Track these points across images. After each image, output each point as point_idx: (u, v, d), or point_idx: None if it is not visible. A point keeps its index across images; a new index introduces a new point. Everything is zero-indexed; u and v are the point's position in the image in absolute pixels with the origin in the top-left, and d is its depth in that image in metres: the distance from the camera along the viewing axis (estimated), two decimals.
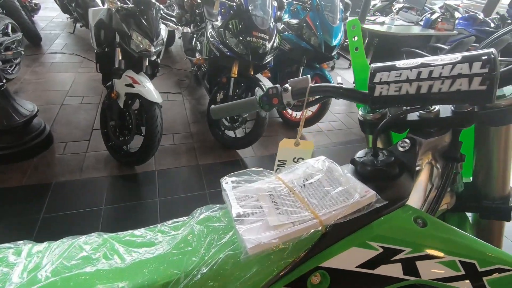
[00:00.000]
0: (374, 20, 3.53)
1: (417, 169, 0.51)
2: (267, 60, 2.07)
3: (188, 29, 3.13)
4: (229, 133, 2.27)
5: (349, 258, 0.41)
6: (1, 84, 1.82)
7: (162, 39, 1.88)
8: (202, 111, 2.75)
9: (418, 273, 0.40)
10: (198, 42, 2.93)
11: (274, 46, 2.07)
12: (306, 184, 0.48)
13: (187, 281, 0.38)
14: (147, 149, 1.84)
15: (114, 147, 1.96)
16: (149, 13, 1.72)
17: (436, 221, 0.43)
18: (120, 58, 1.75)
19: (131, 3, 1.71)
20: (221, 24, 2.02)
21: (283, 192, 0.47)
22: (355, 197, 0.43)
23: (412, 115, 0.52)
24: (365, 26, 3.23)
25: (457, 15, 3.88)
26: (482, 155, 0.53)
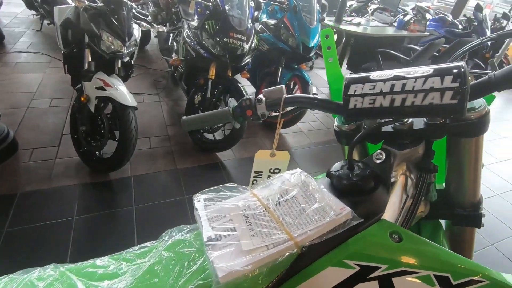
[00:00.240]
0: (351, 21, 3.59)
1: (392, 180, 0.51)
2: (245, 62, 2.04)
3: (163, 28, 3.02)
4: (208, 135, 2.23)
5: (326, 279, 0.40)
6: None
7: (135, 39, 1.80)
8: (180, 113, 2.68)
9: None
10: (174, 41, 2.85)
11: (252, 47, 2.05)
12: (281, 202, 0.46)
13: None
14: (121, 155, 1.76)
15: (86, 153, 1.86)
16: (120, 12, 1.64)
17: (411, 235, 0.43)
18: (89, 60, 1.66)
19: (100, 1, 1.62)
20: (197, 24, 1.97)
21: (258, 210, 0.45)
22: (331, 215, 0.42)
23: (387, 126, 0.52)
24: (342, 27, 3.29)
25: (428, 16, 4.03)
26: (453, 164, 0.53)
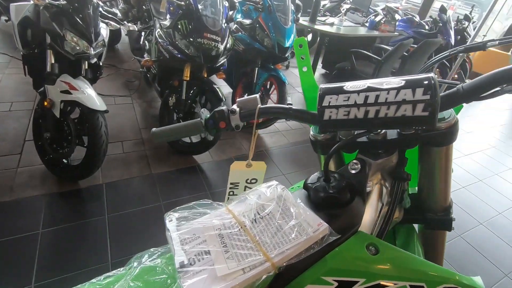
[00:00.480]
0: (324, 20, 3.65)
1: (367, 190, 0.51)
2: (220, 62, 2.01)
3: (134, 27, 2.90)
4: (184, 138, 2.17)
5: None
6: None
7: (103, 39, 1.70)
8: (154, 115, 2.59)
9: None
10: (146, 41, 2.74)
11: (227, 47, 2.01)
12: (258, 219, 0.44)
13: None
14: (91, 161, 1.67)
15: (52, 161, 1.74)
16: (85, 10, 1.54)
17: (387, 246, 0.43)
18: (52, 62, 1.55)
19: None
20: (169, 24, 1.90)
21: (233, 229, 0.43)
22: (308, 232, 0.41)
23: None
24: (316, 26, 3.33)
25: (397, 17, 4.18)
26: (425, 172, 0.55)
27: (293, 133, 2.76)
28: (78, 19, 1.52)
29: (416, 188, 0.62)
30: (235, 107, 0.53)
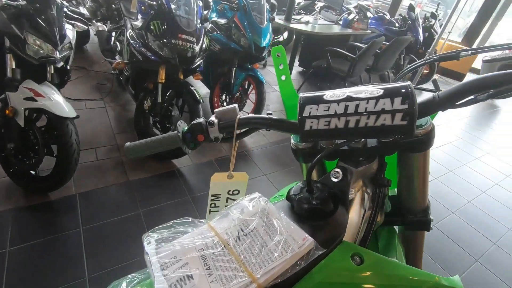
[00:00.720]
0: (300, 19, 3.68)
1: (350, 197, 0.51)
2: (196, 64, 1.96)
3: (104, 26, 2.79)
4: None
5: None
6: None
7: (69, 42, 1.60)
8: (129, 119, 2.49)
9: None
10: (117, 41, 2.62)
11: (203, 48, 1.97)
12: (241, 236, 0.43)
13: None
14: (62, 171, 1.57)
15: (18, 172, 1.63)
16: (47, 11, 1.44)
17: (371, 255, 0.44)
18: (13, 67, 1.44)
19: None
20: (141, 25, 1.83)
21: (217, 248, 0.42)
22: (294, 248, 0.40)
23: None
24: (291, 25, 3.35)
25: (369, 15, 4.30)
26: (404, 176, 0.56)
27: (272, 132, 2.76)
28: (40, 20, 1.42)
29: (396, 190, 0.63)
30: (213, 118, 0.51)
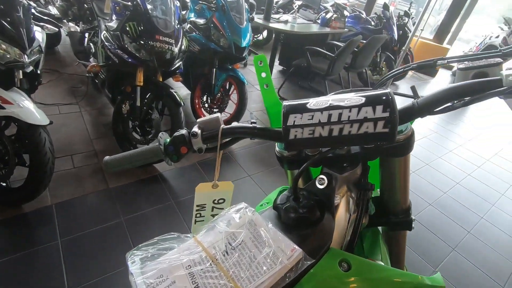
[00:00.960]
0: (278, 18, 3.69)
1: (335, 203, 0.52)
2: (176, 66, 1.92)
3: (76, 27, 2.67)
4: (142, 146, 2.05)
5: None
6: None
7: (39, 45, 1.52)
8: (107, 123, 2.40)
9: None
10: (91, 43, 2.52)
11: (182, 49, 1.93)
12: (229, 250, 0.42)
13: None
14: (35, 182, 1.49)
15: None
16: (13, 13, 1.36)
17: (358, 260, 0.45)
18: None
19: None
20: (116, 26, 1.76)
21: (204, 264, 0.41)
22: (282, 260, 0.40)
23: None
24: (271, 25, 3.35)
25: (346, 13, 4.38)
26: (386, 179, 0.57)
27: None
28: (5, 23, 1.33)
29: (378, 191, 0.65)
30: (196, 129, 0.50)
